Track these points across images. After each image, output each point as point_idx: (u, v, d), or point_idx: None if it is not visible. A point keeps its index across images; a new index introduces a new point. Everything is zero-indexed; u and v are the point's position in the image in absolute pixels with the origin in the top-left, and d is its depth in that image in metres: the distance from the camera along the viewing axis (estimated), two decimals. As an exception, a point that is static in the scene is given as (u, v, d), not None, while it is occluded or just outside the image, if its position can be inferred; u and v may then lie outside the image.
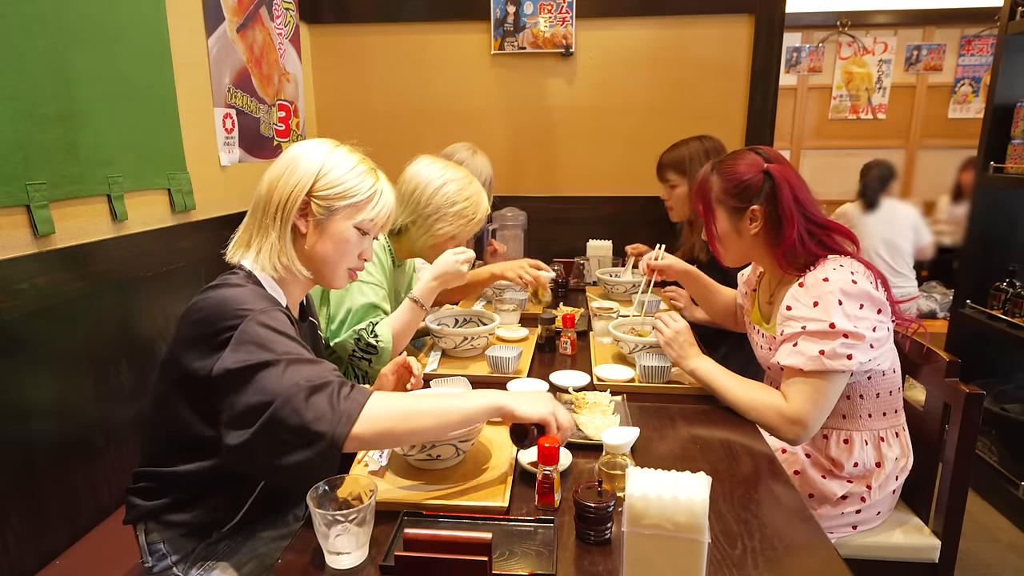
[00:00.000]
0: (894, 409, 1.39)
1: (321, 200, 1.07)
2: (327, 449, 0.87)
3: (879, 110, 4.88)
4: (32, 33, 1.33)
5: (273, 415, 0.86)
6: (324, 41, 2.82)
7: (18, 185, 1.30)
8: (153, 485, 1.06)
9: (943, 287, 3.93)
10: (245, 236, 1.09)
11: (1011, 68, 2.37)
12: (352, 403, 0.90)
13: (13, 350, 1.29)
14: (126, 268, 1.61)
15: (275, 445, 0.87)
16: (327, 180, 1.07)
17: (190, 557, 1.06)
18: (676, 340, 1.43)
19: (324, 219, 1.08)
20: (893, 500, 1.42)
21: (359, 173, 1.10)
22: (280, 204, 1.06)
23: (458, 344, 1.66)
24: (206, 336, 0.94)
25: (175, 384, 0.99)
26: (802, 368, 1.23)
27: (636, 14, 2.67)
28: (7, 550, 1.27)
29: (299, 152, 1.09)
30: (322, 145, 1.11)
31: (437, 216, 1.64)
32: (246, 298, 0.97)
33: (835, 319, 1.21)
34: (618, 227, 2.78)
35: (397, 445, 1.04)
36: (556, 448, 0.97)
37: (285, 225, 1.06)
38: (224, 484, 1.05)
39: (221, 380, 0.90)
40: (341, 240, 1.10)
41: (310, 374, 0.90)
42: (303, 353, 0.95)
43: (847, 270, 1.25)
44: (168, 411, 1.02)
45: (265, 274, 1.06)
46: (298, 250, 1.09)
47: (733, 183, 1.35)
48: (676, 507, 0.73)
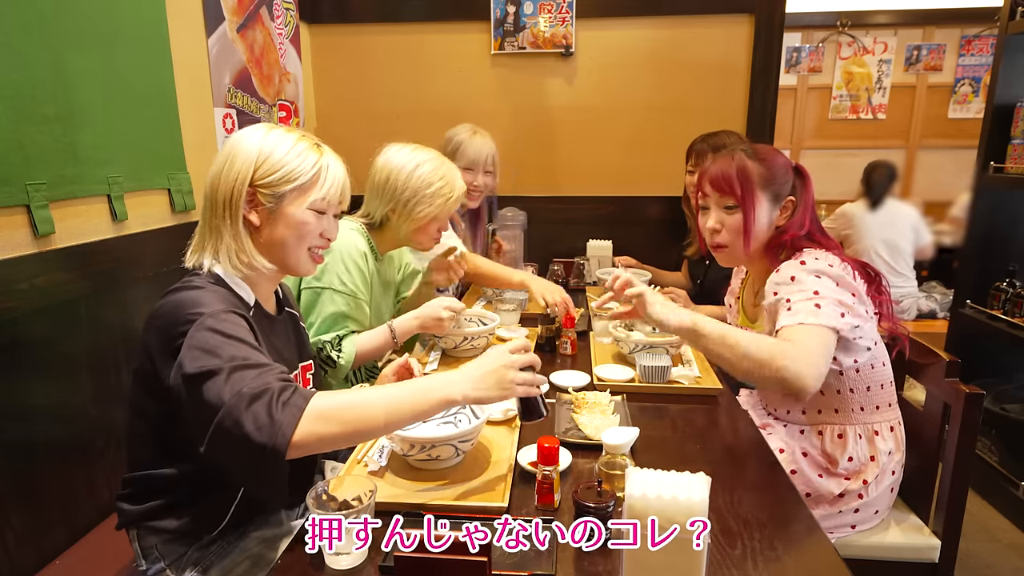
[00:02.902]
0: (887, 403, 1.39)
1: (265, 188, 1.03)
2: (270, 460, 0.84)
3: (879, 110, 4.88)
4: (32, 33, 1.33)
5: (217, 426, 0.84)
6: (324, 41, 2.82)
7: (18, 185, 1.30)
8: (140, 490, 1.05)
9: (943, 287, 3.93)
10: (200, 241, 1.06)
11: (1011, 68, 2.37)
12: (290, 411, 0.85)
13: (13, 350, 1.29)
14: (126, 268, 1.61)
15: (226, 453, 0.87)
16: (267, 166, 1.03)
17: (182, 560, 1.05)
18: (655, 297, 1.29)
19: (274, 207, 1.04)
20: (891, 499, 1.42)
21: (300, 152, 1.05)
22: (225, 201, 1.02)
23: (458, 344, 1.66)
24: (164, 343, 0.93)
25: (148, 392, 0.98)
26: (801, 322, 1.20)
27: (636, 14, 2.67)
28: (7, 550, 1.27)
29: (235, 143, 1.05)
30: (256, 131, 1.06)
31: (416, 200, 1.61)
32: (201, 300, 0.95)
33: (816, 288, 1.23)
34: (618, 227, 2.79)
35: (346, 446, 1.02)
36: (556, 448, 0.97)
37: (235, 222, 1.03)
38: (209, 487, 1.04)
39: (176, 389, 0.89)
40: (298, 224, 1.06)
41: (252, 382, 0.87)
42: (250, 357, 0.90)
43: (824, 261, 1.28)
44: (146, 418, 1.01)
45: (230, 274, 1.04)
46: (256, 243, 1.06)
47: (775, 170, 1.36)
48: (676, 507, 0.73)
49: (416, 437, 1.05)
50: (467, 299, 2.35)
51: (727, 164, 1.37)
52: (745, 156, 1.37)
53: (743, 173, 1.35)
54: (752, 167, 1.35)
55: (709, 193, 1.40)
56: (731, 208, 1.37)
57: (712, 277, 2.24)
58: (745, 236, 1.36)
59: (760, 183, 1.35)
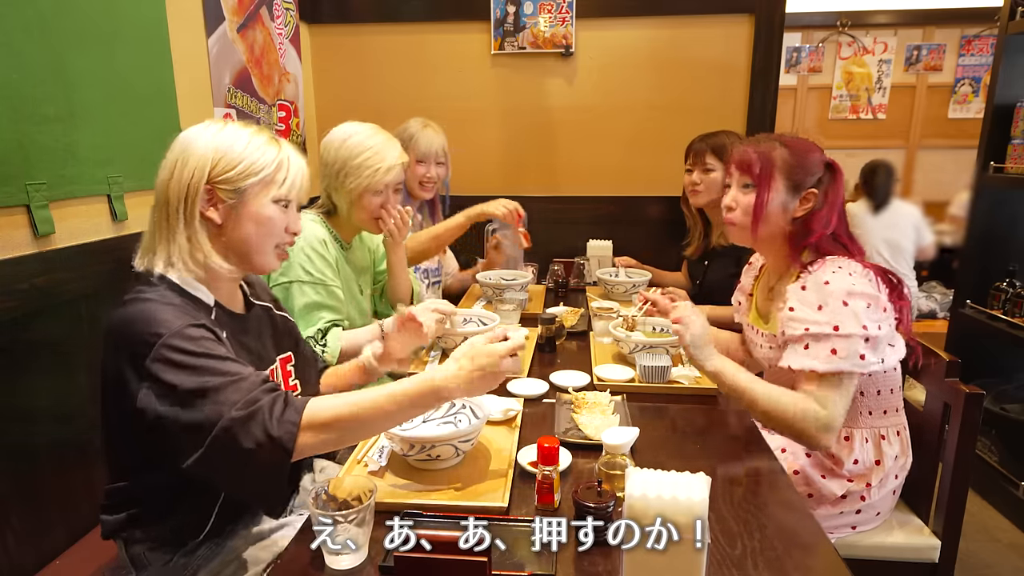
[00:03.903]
0: (895, 408, 1.39)
1: (225, 184, 1.00)
2: (271, 476, 0.87)
3: (879, 110, 4.88)
4: (32, 33, 1.33)
5: (210, 448, 0.84)
6: (324, 41, 2.81)
7: (18, 185, 1.30)
8: (119, 501, 1.04)
9: (943, 287, 3.93)
10: (150, 242, 1.02)
11: (1011, 68, 2.37)
12: (285, 427, 0.86)
13: (13, 350, 1.29)
14: (126, 268, 1.59)
15: (220, 470, 0.88)
16: (226, 162, 1.00)
17: (169, 566, 1.05)
18: (699, 339, 1.32)
19: (236, 202, 1.01)
20: (893, 500, 1.42)
21: (258, 145, 1.03)
22: (179, 201, 0.99)
23: (458, 344, 1.65)
24: (127, 362, 0.90)
25: (117, 407, 0.95)
26: (817, 370, 1.21)
27: (636, 14, 2.67)
28: (7, 550, 1.27)
29: (187, 141, 1.01)
30: (208, 128, 1.03)
31: (344, 172, 1.58)
32: (156, 316, 0.91)
33: (841, 322, 1.20)
34: (618, 227, 2.78)
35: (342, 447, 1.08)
36: (556, 448, 0.97)
37: (191, 220, 0.99)
38: (188, 494, 1.03)
39: (150, 412, 0.87)
40: (262, 219, 1.03)
41: (239, 399, 0.86)
42: (227, 371, 0.89)
43: (845, 272, 1.25)
44: (115, 431, 1.01)
45: (184, 277, 1.00)
46: (215, 242, 1.02)
47: (802, 160, 1.34)
48: (676, 507, 0.73)
49: (416, 437, 1.05)
50: (467, 299, 2.35)
51: (756, 145, 1.38)
52: (777, 143, 1.37)
53: (765, 156, 1.35)
54: (778, 152, 1.35)
55: (732, 171, 1.41)
56: (747, 187, 1.37)
57: (711, 277, 2.24)
58: (755, 216, 1.35)
59: (781, 168, 1.34)
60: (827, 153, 1.38)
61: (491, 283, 2.24)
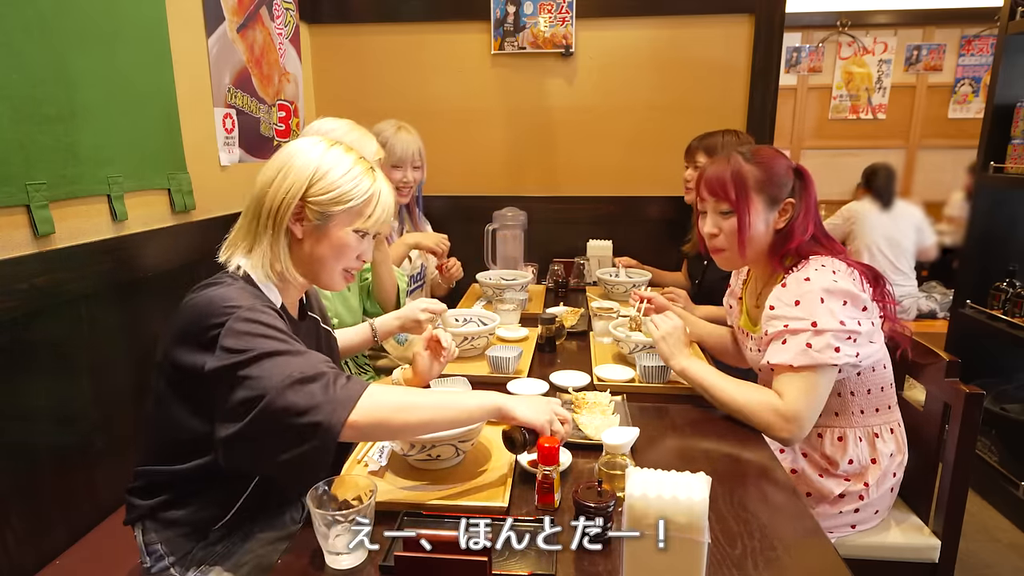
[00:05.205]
0: (887, 405, 1.39)
1: (316, 206, 1.03)
2: (323, 438, 0.87)
3: (879, 110, 4.89)
4: (32, 33, 1.33)
5: (265, 408, 0.86)
6: (324, 41, 2.81)
7: (18, 185, 1.30)
8: (151, 483, 1.06)
9: (943, 287, 3.93)
10: (238, 239, 1.07)
11: (1011, 68, 2.37)
12: (348, 392, 0.90)
13: (13, 350, 1.29)
14: (126, 268, 1.61)
15: (268, 438, 0.88)
16: (322, 185, 1.03)
17: (187, 559, 1.06)
18: (670, 337, 1.40)
19: (320, 224, 1.05)
20: (891, 499, 1.42)
21: (355, 176, 1.05)
22: (272, 210, 1.03)
23: (458, 344, 1.66)
24: (194, 334, 0.94)
25: (170, 383, 1.00)
26: (791, 364, 1.23)
27: (636, 14, 2.67)
28: (7, 550, 1.27)
29: (292, 154, 1.05)
30: (316, 146, 1.06)
31: None
32: (234, 295, 0.97)
33: (817, 317, 1.22)
34: (618, 227, 2.78)
35: (393, 438, 1.05)
36: (556, 448, 0.97)
37: (278, 231, 1.04)
38: (219, 481, 1.04)
39: (213, 377, 0.90)
40: (339, 245, 1.07)
41: (301, 365, 0.90)
42: (292, 346, 0.94)
43: (828, 269, 1.27)
44: (165, 410, 1.02)
45: (260, 279, 1.05)
46: (294, 254, 1.07)
47: (771, 173, 1.34)
48: (676, 507, 0.73)
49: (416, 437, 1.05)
50: (467, 299, 2.35)
51: (722, 168, 1.36)
52: (742, 159, 1.35)
53: (738, 177, 1.33)
54: (748, 170, 1.34)
55: (706, 197, 1.39)
56: (727, 213, 1.36)
57: (710, 277, 2.25)
58: (740, 240, 1.35)
59: (755, 187, 1.34)
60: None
61: (491, 283, 2.24)
